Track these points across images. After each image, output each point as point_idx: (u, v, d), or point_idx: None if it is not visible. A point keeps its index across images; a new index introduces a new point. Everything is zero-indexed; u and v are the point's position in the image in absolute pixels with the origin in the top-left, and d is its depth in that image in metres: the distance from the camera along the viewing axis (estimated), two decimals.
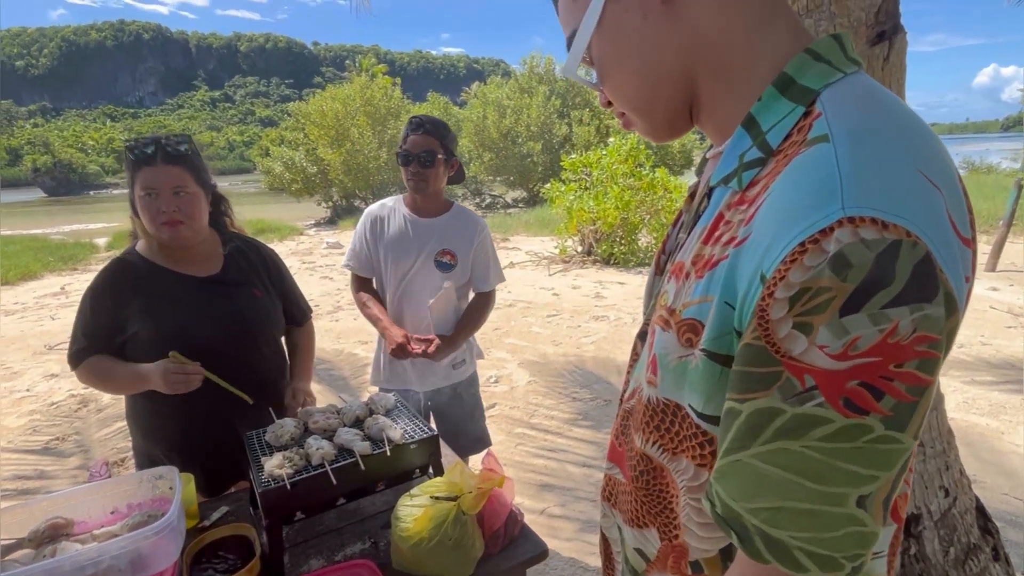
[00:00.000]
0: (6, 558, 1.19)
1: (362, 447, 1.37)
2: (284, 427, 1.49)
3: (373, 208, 2.15)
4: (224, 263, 1.65)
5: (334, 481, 1.29)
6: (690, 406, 0.54)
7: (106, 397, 4.07)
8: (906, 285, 0.39)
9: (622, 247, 8.57)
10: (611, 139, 9.26)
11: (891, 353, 0.39)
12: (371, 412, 1.60)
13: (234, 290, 1.64)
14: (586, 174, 9.17)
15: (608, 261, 8.65)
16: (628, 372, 0.72)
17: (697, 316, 0.51)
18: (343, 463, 1.33)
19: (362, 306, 2.14)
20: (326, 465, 1.32)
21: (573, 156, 9.44)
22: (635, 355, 0.70)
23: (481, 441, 2.27)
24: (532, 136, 18.55)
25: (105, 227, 16.67)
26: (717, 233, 0.53)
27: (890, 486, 0.43)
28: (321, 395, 4.22)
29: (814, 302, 0.40)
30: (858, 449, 0.40)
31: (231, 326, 1.60)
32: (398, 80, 20.56)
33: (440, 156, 2.00)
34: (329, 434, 1.49)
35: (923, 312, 0.39)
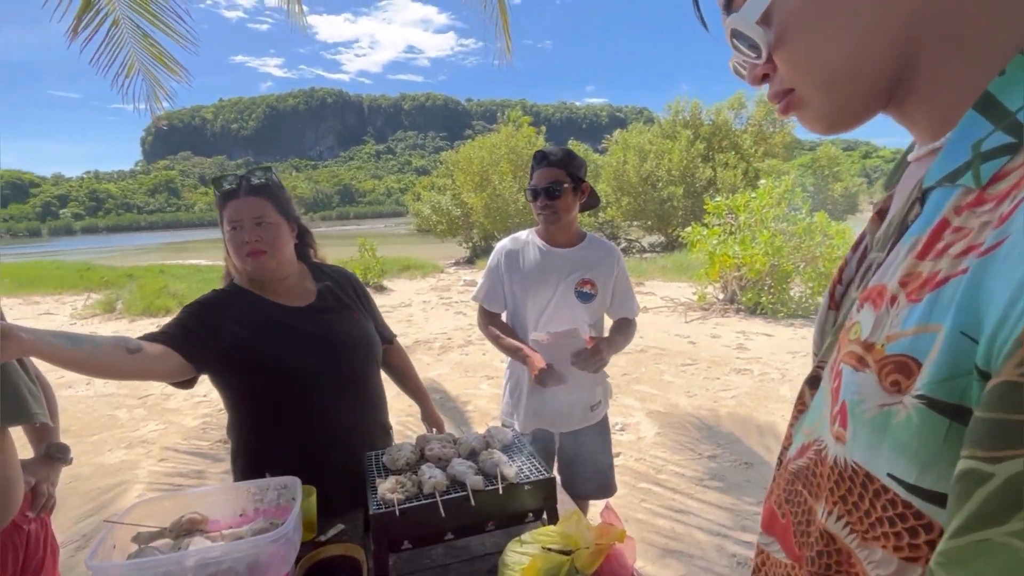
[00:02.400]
0: (148, 544, 1.28)
1: (474, 481, 1.30)
2: (401, 451, 1.47)
3: (505, 242, 2.13)
4: (318, 292, 1.63)
5: (443, 513, 1.22)
6: (892, 476, 0.39)
7: None
8: None
9: (771, 296, 7.87)
10: (761, 181, 8.68)
11: None
12: (487, 445, 1.53)
13: (335, 315, 1.62)
14: (731, 218, 8.66)
15: (754, 311, 7.99)
16: (791, 425, 0.58)
17: (911, 352, 0.39)
18: (454, 496, 1.27)
19: (495, 338, 2.11)
20: (436, 495, 1.26)
21: (718, 199, 8.99)
22: (801, 405, 0.56)
23: (606, 488, 2.14)
24: (673, 180, 18.10)
25: None
26: (942, 244, 0.41)
27: None
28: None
29: None
30: None
31: (342, 349, 1.58)
32: (542, 129, 21.34)
33: (567, 185, 1.95)
34: (443, 463, 1.44)
35: None
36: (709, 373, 5.40)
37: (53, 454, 1.57)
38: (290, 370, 1.48)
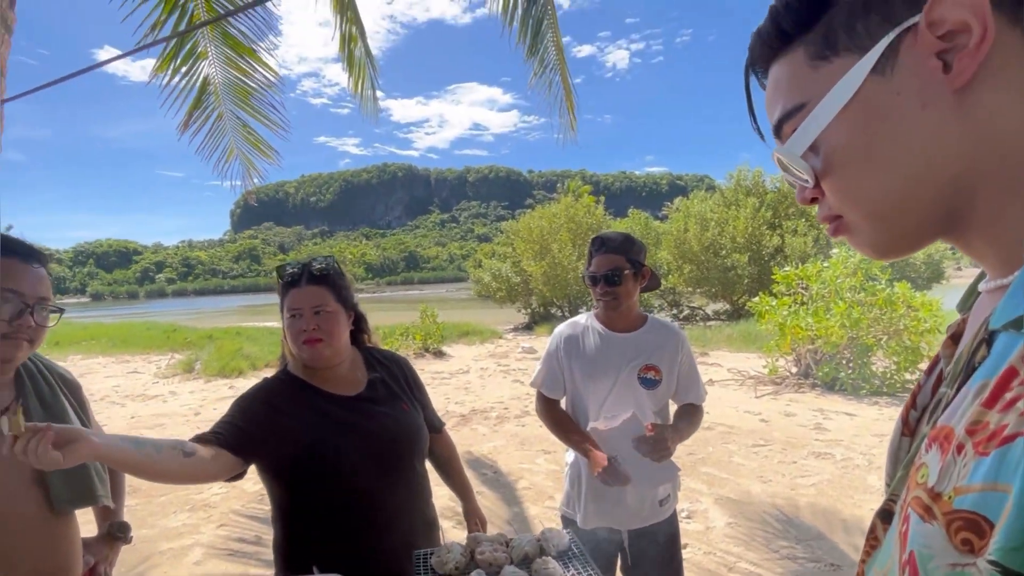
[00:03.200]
0: None
1: None
2: (451, 553, 1.38)
3: (563, 328, 2.07)
4: (369, 381, 1.62)
5: None
6: None
7: None
8: None
9: (850, 371, 7.33)
10: (835, 250, 8.29)
11: None
12: (542, 551, 1.41)
13: (384, 407, 1.59)
14: (802, 287, 8.26)
15: (832, 386, 7.44)
16: (863, 561, 0.52)
17: (980, 510, 0.36)
18: None
19: (555, 428, 2.01)
20: None
21: (787, 269, 8.63)
22: (874, 540, 0.51)
23: None
24: (738, 248, 17.65)
25: None
26: (1010, 395, 0.38)
27: None
28: (495, 505, 4.10)
29: None
30: None
31: (386, 442, 1.55)
32: (601, 198, 21.59)
33: (627, 271, 1.89)
34: (495, 570, 1.34)
35: None
36: (784, 456, 4.99)
37: (115, 533, 1.58)
38: (333, 460, 1.45)
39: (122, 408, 7.83)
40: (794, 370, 8.11)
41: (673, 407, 2.06)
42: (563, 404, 2.09)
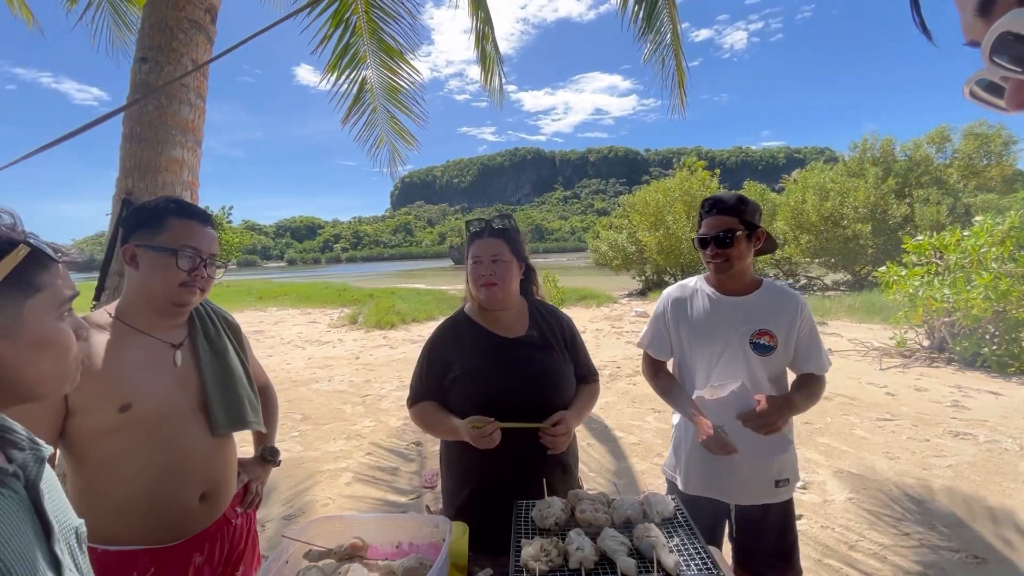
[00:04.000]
0: (314, 564, 1.21)
1: (626, 565, 0.99)
2: (551, 508, 1.22)
3: (672, 290, 1.80)
4: (529, 327, 1.62)
5: None
6: None
7: None
8: None
9: (996, 347, 6.02)
10: (977, 218, 6.77)
11: None
12: (645, 516, 1.20)
13: (537, 351, 1.57)
14: (937, 257, 6.88)
15: (972, 362, 6.18)
16: None
17: None
18: None
19: (660, 391, 1.77)
20: (582, 574, 0.99)
21: (920, 237, 7.23)
22: None
23: (789, 572, 1.64)
24: (860, 218, 15.29)
25: None
26: None
27: None
28: (604, 458, 3.90)
29: None
30: None
31: (531, 383, 1.53)
32: (716, 172, 19.89)
33: (740, 233, 1.57)
34: (595, 530, 1.15)
35: None
36: (915, 433, 4.20)
37: (266, 456, 1.63)
38: (486, 390, 1.49)
39: (302, 351, 8.72)
40: (926, 343, 6.85)
41: (791, 376, 1.70)
42: (670, 367, 1.83)
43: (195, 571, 1.25)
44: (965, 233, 6.68)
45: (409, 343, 9.01)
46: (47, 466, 0.76)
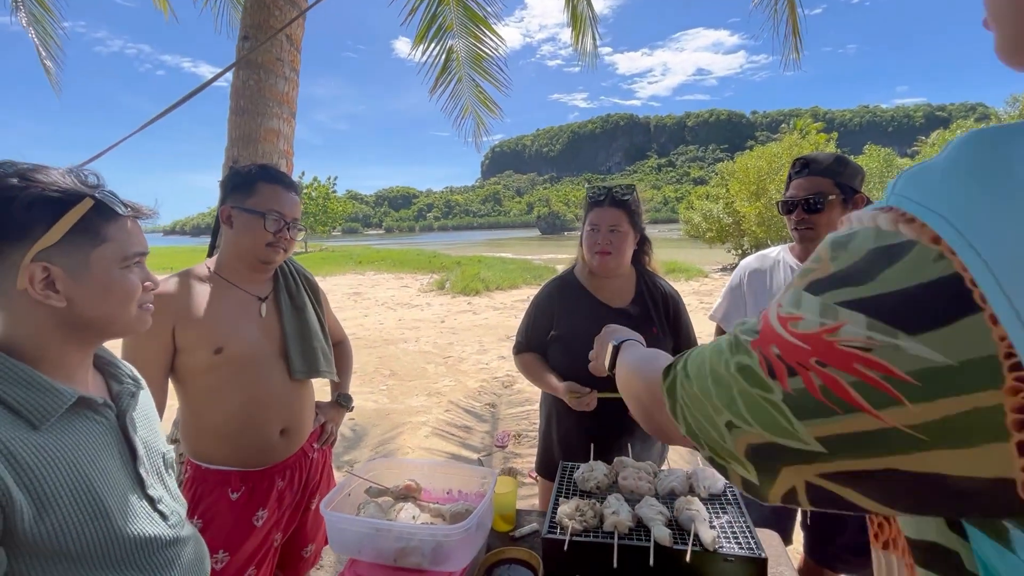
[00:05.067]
0: (373, 500, 1.33)
1: (660, 533, 0.99)
2: (594, 471, 1.24)
3: (750, 260, 1.68)
4: (634, 299, 1.65)
5: (615, 564, 0.95)
6: None
7: (523, 383, 4.70)
8: (883, 296, 0.29)
9: None
10: None
11: (822, 350, 0.31)
12: (691, 489, 1.18)
13: (635, 323, 1.56)
14: None
15: None
16: None
17: None
18: (633, 543, 0.99)
19: None
20: (615, 537, 1.00)
21: None
22: None
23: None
24: None
25: (568, 257, 20.18)
26: None
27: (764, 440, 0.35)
28: None
29: (806, 267, 0.35)
30: (749, 394, 0.35)
31: None
32: (833, 135, 17.88)
33: (833, 197, 1.41)
34: (635, 497, 1.16)
35: (893, 341, 0.28)
36: None
37: (340, 402, 1.79)
38: (582, 364, 1.55)
39: (393, 312, 9.29)
40: None
41: None
42: None
43: (278, 494, 1.42)
44: None
45: (492, 310, 9.26)
46: (143, 400, 0.90)
